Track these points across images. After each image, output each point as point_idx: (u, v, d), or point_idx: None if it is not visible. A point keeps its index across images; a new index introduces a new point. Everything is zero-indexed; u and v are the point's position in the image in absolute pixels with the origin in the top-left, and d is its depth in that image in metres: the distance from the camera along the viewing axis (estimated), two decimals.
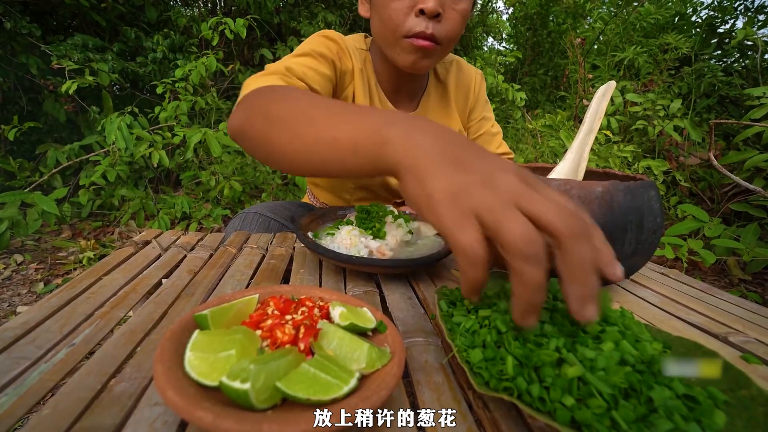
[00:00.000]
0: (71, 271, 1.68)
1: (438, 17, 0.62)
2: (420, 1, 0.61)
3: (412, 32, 0.63)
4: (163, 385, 0.24)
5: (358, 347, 0.29)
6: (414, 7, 0.62)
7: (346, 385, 0.25)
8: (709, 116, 2.17)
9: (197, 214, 1.99)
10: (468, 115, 0.87)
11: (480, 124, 0.88)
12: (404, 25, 0.63)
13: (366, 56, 0.77)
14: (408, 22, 0.63)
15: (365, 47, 0.78)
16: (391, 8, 0.62)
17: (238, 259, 0.57)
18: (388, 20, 0.63)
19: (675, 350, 0.32)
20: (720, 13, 2.38)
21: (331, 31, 0.73)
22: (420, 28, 0.62)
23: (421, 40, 0.63)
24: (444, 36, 0.64)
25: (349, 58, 0.73)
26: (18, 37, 2.18)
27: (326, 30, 0.74)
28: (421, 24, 0.62)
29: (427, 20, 0.62)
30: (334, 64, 0.69)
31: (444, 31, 0.64)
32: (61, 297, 0.42)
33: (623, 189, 0.44)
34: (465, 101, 0.86)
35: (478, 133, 0.88)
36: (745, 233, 1.40)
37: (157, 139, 1.84)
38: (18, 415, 0.26)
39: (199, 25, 2.51)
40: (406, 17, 0.63)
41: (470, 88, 0.86)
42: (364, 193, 0.84)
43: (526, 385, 0.26)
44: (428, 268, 0.57)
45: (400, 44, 0.65)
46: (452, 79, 0.84)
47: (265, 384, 0.24)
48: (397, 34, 0.64)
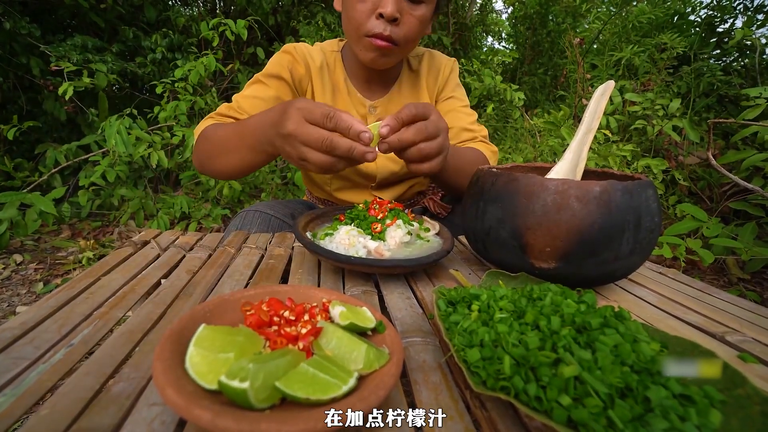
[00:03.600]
0: (71, 271, 1.68)
1: (396, 21, 0.69)
2: (380, 6, 0.67)
3: (372, 32, 0.69)
4: (162, 383, 0.24)
5: (356, 348, 0.29)
6: (375, 10, 0.68)
7: (344, 384, 0.25)
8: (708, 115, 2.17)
9: (196, 214, 1.99)
10: (437, 94, 0.92)
11: (448, 103, 0.92)
12: (366, 25, 0.69)
13: (336, 56, 0.86)
14: (369, 23, 0.69)
15: (337, 49, 0.87)
16: (356, 9, 0.69)
17: (236, 259, 0.57)
18: (353, 19, 0.70)
19: (672, 350, 0.32)
20: (719, 12, 2.38)
21: (289, 45, 0.83)
22: (379, 29, 0.69)
23: (379, 41, 0.70)
24: (401, 38, 0.71)
25: (302, 62, 0.81)
26: (18, 37, 2.18)
27: (287, 44, 0.84)
28: (380, 26, 0.69)
29: (385, 23, 0.68)
30: (284, 78, 0.80)
31: (401, 34, 0.70)
32: (59, 297, 0.42)
33: (621, 189, 0.44)
34: (435, 82, 0.91)
35: (447, 110, 0.91)
36: (743, 232, 1.41)
37: (156, 140, 1.84)
38: (16, 415, 0.27)
39: (198, 24, 2.50)
40: (368, 18, 0.69)
41: (440, 71, 0.91)
42: (341, 182, 0.89)
43: (523, 384, 0.26)
44: (426, 268, 0.57)
45: (362, 42, 0.72)
46: (424, 66, 0.90)
47: (264, 383, 0.24)
48: (360, 33, 0.71)
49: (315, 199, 0.99)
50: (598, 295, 0.52)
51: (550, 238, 0.45)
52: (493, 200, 0.50)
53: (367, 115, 0.85)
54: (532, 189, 0.46)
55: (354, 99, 0.85)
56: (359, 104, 0.84)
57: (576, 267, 0.46)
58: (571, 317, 0.30)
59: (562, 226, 0.44)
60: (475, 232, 0.53)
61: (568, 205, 0.44)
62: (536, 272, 0.48)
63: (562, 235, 0.45)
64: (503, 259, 0.51)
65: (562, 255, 0.46)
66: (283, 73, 0.80)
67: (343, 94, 0.84)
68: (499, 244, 0.50)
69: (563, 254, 0.46)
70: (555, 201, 0.45)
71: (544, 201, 0.45)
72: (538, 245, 0.46)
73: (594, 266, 0.46)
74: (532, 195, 0.46)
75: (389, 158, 0.84)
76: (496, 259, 0.52)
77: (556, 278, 0.47)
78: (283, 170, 2.24)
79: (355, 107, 0.84)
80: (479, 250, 0.55)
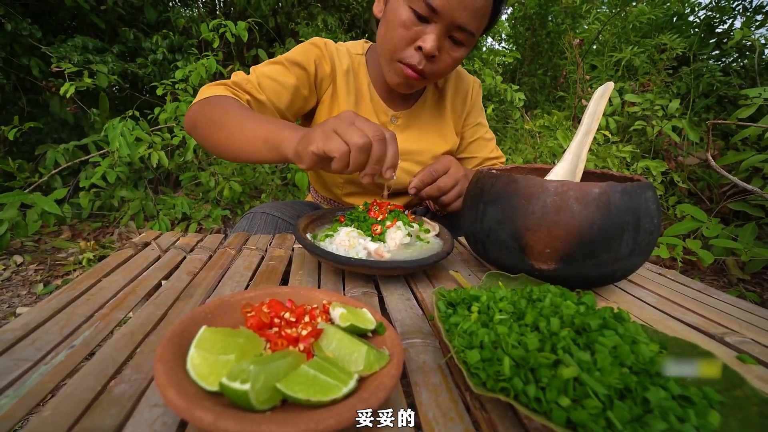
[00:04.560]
0: (71, 272, 1.68)
1: (433, 58, 0.67)
2: (422, 40, 0.65)
3: (406, 61, 0.68)
4: (164, 384, 0.24)
5: (356, 349, 0.29)
6: (416, 41, 0.66)
7: (345, 386, 0.26)
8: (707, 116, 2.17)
9: (197, 215, 1.99)
10: (464, 119, 0.91)
11: (475, 130, 0.93)
12: (402, 52, 0.67)
13: (360, 60, 0.83)
14: (406, 51, 0.67)
15: (361, 52, 0.84)
16: (397, 32, 0.66)
17: (237, 261, 0.58)
18: (391, 41, 0.68)
19: (671, 350, 0.33)
20: (718, 13, 2.39)
21: (319, 39, 0.80)
22: (414, 61, 0.67)
23: (410, 71, 0.69)
24: (433, 74, 0.70)
25: (329, 62, 0.78)
26: (19, 38, 2.18)
27: (317, 38, 0.80)
28: (416, 58, 0.67)
29: (422, 56, 0.67)
30: (307, 70, 0.76)
31: (434, 71, 0.70)
32: (60, 299, 0.43)
33: (620, 190, 0.44)
34: (462, 105, 0.90)
35: (473, 138, 0.93)
36: (742, 233, 1.41)
37: (157, 140, 1.84)
38: (18, 416, 0.27)
39: (198, 26, 2.51)
40: (407, 46, 0.67)
41: (468, 94, 0.90)
42: (353, 187, 0.87)
43: (523, 385, 0.26)
44: (426, 270, 0.57)
45: (393, 65, 0.70)
46: (451, 86, 0.88)
47: (265, 385, 0.24)
48: (394, 57, 0.69)
49: (321, 198, 0.97)
50: (598, 297, 0.52)
51: (550, 239, 0.45)
52: (493, 202, 0.50)
53: (387, 124, 0.83)
54: (531, 190, 0.46)
55: (377, 106, 0.83)
56: (381, 112, 0.83)
57: (575, 268, 0.46)
58: (571, 318, 0.31)
59: (561, 227, 0.45)
60: (475, 233, 0.53)
61: (568, 207, 0.44)
62: (536, 273, 0.48)
63: (562, 236, 0.45)
64: (503, 261, 0.51)
65: (561, 256, 0.46)
66: (308, 65, 0.76)
67: (366, 101, 0.82)
68: (498, 246, 0.50)
69: (563, 255, 0.46)
70: (555, 202, 0.45)
71: (543, 202, 0.45)
72: (537, 246, 0.47)
73: (593, 267, 0.46)
74: (531, 196, 0.46)
75: (404, 170, 0.83)
76: (496, 261, 0.52)
77: (556, 279, 0.47)
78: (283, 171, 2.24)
79: (377, 115, 0.83)
80: (479, 251, 0.55)
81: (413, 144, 0.84)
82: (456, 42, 0.67)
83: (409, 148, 0.83)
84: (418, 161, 0.84)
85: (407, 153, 0.83)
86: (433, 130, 0.86)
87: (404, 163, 0.83)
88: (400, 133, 0.83)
